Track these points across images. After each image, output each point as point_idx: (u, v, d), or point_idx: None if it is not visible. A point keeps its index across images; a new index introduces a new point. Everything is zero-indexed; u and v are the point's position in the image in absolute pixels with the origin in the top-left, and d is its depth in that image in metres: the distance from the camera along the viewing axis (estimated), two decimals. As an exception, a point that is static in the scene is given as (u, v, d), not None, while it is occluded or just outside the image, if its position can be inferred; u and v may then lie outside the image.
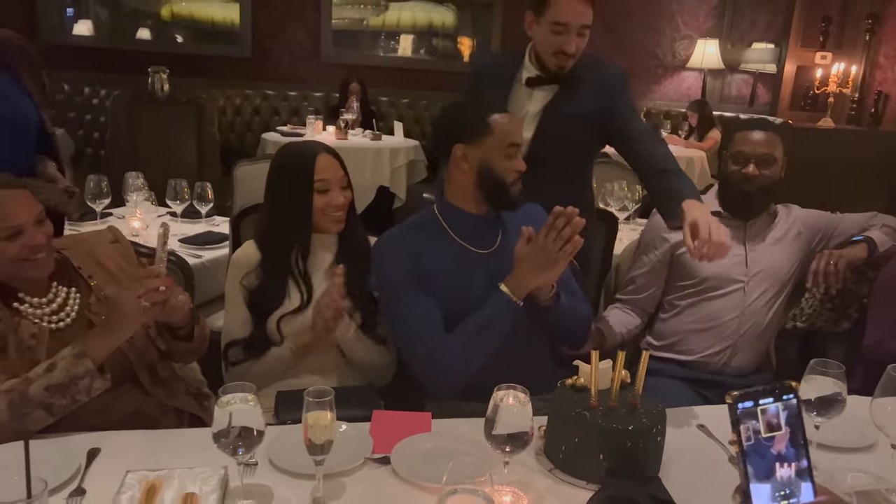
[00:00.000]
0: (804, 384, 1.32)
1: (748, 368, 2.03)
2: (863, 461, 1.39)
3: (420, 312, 1.66)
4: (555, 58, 2.00)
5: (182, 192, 2.90)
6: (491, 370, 1.66)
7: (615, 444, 1.25)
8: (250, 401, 1.12)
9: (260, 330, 1.77)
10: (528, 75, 2.11)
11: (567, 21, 1.93)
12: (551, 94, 2.09)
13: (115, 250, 1.60)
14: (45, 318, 1.43)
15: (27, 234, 1.38)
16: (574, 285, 1.80)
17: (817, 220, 2.09)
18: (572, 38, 1.96)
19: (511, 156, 1.66)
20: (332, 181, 1.75)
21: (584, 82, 2.06)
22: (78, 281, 1.51)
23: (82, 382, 1.29)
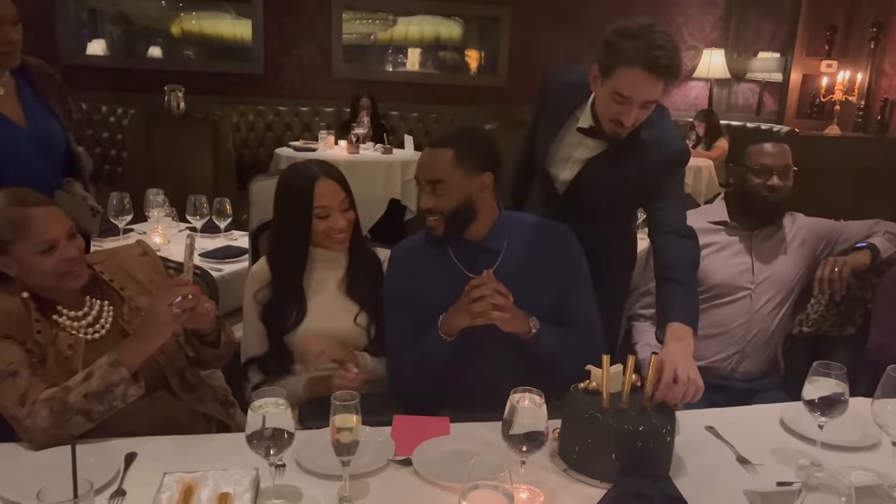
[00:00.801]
0: (808, 386, 1.38)
1: (756, 373, 2.09)
2: (867, 460, 1.44)
3: (394, 321, 1.80)
4: (611, 124, 1.76)
5: (202, 207, 2.99)
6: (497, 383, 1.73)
7: (627, 445, 1.31)
8: (281, 405, 1.19)
9: (275, 346, 1.84)
10: (582, 123, 1.88)
11: (631, 95, 1.66)
12: (601, 148, 1.88)
13: (145, 263, 1.69)
14: (82, 329, 1.51)
15: (61, 248, 1.46)
16: (588, 320, 1.78)
17: (822, 227, 2.15)
18: (633, 110, 1.69)
19: (420, 192, 1.73)
20: (331, 206, 1.79)
21: (640, 150, 1.83)
22: (110, 294, 1.59)
23: (118, 389, 1.36)
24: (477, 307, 1.58)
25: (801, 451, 1.48)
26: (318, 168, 1.83)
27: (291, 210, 1.83)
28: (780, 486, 1.32)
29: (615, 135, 1.79)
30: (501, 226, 1.77)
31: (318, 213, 1.79)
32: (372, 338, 1.86)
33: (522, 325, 1.65)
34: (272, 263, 1.89)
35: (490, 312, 1.58)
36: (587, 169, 1.91)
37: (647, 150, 1.83)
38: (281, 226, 1.89)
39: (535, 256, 1.77)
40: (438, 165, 1.67)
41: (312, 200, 1.78)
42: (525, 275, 1.71)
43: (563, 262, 1.79)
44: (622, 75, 1.65)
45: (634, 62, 1.62)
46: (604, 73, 1.70)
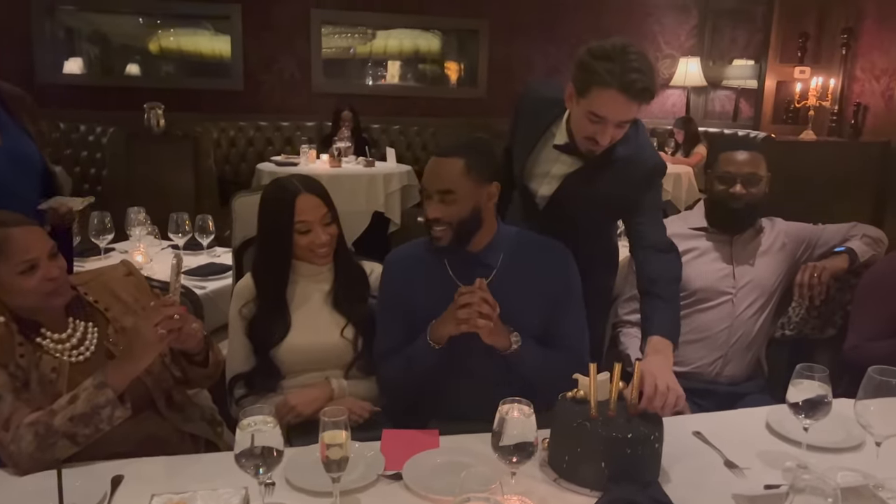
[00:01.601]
0: (792, 388, 1.40)
1: (740, 377, 2.11)
2: (852, 460, 1.46)
3: (385, 328, 1.80)
4: (586, 142, 1.77)
5: (184, 224, 2.97)
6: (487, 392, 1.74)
7: (616, 452, 1.32)
8: (269, 422, 1.18)
9: (262, 363, 1.83)
10: (558, 140, 1.89)
11: (606, 115, 1.66)
12: (577, 164, 1.89)
13: (130, 283, 1.68)
14: (66, 352, 1.50)
15: (42, 268, 1.45)
16: (575, 341, 1.78)
17: (801, 231, 2.18)
18: (608, 130, 1.70)
19: (424, 199, 1.72)
20: (313, 221, 1.79)
21: (615, 166, 1.84)
22: (95, 315, 1.58)
23: (104, 412, 1.35)
24: (463, 314, 1.58)
25: (787, 453, 1.49)
26: (299, 183, 1.83)
27: (273, 225, 1.83)
28: (768, 490, 1.33)
29: (590, 152, 1.79)
30: (499, 240, 1.77)
31: (299, 228, 1.79)
32: (359, 351, 1.86)
33: (503, 340, 1.65)
34: (256, 278, 1.88)
35: (475, 320, 1.58)
36: (565, 185, 1.91)
37: (623, 166, 1.83)
38: (264, 241, 1.89)
39: (530, 274, 1.75)
40: (448, 175, 1.66)
41: (294, 215, 1.78)
42: (518, 291, 1.71)
43: (558, 283, 1.78)
44: (597, 97, 1.65)
45: (609, 84, 1.61)
46: (579, 93, 1.70)
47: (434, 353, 1.68)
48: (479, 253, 1.76)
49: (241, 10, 6.27)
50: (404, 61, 6.89)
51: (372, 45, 6.78)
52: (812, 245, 2.16)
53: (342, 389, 1.81)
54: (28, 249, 1.44)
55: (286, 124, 6.39)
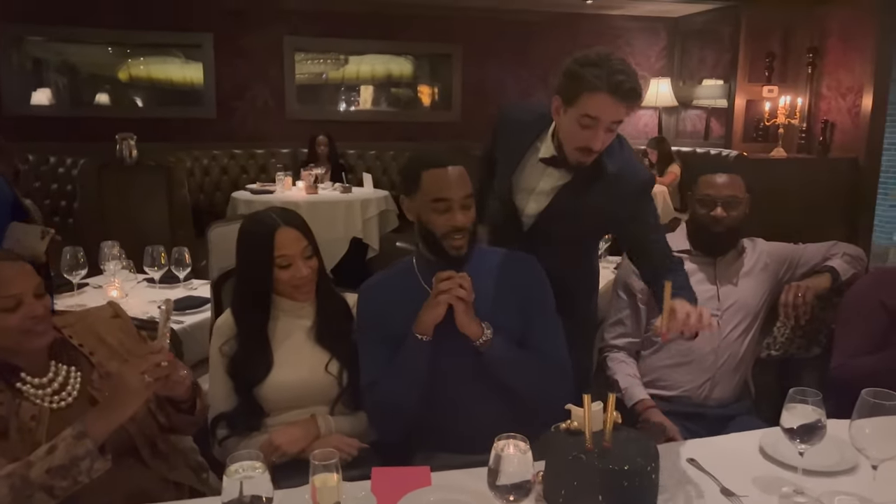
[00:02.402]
0: (785, 413, 1.38)
1: (729, 399, 2.10)
2: (848, 484, 1.45)
3: (368, 355, 1.77)
4: (577, 152, 1.80)
5: (159, 258, 2.91)
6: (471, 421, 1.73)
7: (613, 485, 1.29)
8: (258, 467, 1.14)
9: (244, 401, 1.78)
10: (544, 154, 1.91)
11: (598, 115, 1.70)
12: (566, 178, 1.90)
13: (116, 325, 1.62)
14: (47, 398, 1.44)
15: (26, 305, 1.40)
16: (551, 348, 1.79)
17: (782, 251, 2.19)
18: (600, 133, 1.73)
19: (439, 211, 1.67)
20: (293, 255, 1.75)
21: (605, 180, 1.87)
22: (78, 359, 1.52)
23: (83, 464, 1.29)
24: (444, 285, 1.62)
25: (782, 478, 1.48)
26: (277, 216, 1.79)
27: (252, 260, 1.79)
28: (767, 518, 1.32)
29: (580, 163, 1.82)
30: (470, 252, 1.77)
31: (279, 263, 1.75)
32: (344, 386, 1.82)
33: (475, 326, 1.68)
34: (236, 314, 1.84)
35: (456, 290, 1.62)
36: (556, 200, 1.92)
37: (614, 179, 1.87)
38: (243, 277, 1.85)
39: (501, 283, 1.78)
40: (465, 180, 1.70)
41: (273, 250, 1.75)
42: (491, 300, 1.73)
43: (528, 290, 1.81)
44: (587, 100, 1.70)
45: (598, 88, 1.68)
46: (567, 102, 1.75)
47: (423, 348, 1.67)
48: (450, 266, 1.74)
49: (213, 39, 6.25)
50: (378, 86, 6.90)
51: (345, 70, 6.78)
52: (794, 265, 2.17)
53: (328, 427, 1.77)
54: (11, 284, 1.39)
55: (260, 152, 6.35)
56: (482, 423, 1.75)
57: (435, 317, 1.66)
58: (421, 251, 1.80)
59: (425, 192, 1.69)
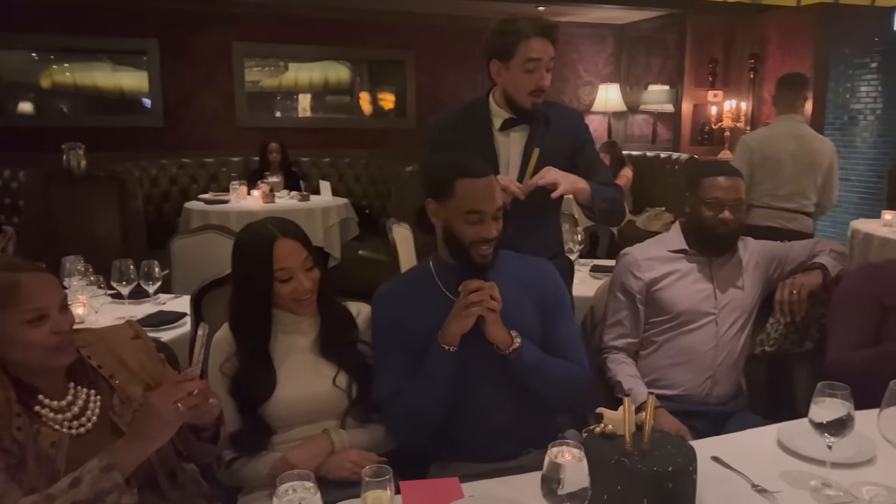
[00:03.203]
0: (814, 407, 1.40)
1: (728, 396, 2.13)
2: (870, 474, 1.48)
3: (388, 364, 1.73)
4: (531, 96, 2.12)
5: (128, 272, 2.77)
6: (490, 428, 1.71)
7: (659, 487, 1.28)
8: (309, 487, 1.08)
9: (249, 421, 1.70)
10: (500, 121, 2.20)
11: (539, 56, 2.06)
12: (526, 133, 2.20)
13: (137, 347, 1.52)
14: (66, 423, 1.34)
15: (52, 320, 1.30)
16: (574, 351, 1.80)
17: (771, 249, 2.24)
18: (543, 72, 2.09)
19: (471, 222, 1.65)
20: (294, 268, 1.68)
21: (552, 120, 2.21)
22: (97, 382, 1.42)
23: (110, 498, 1.20)
24: (475, 297, 1.60)
25: (807, 472, 1.50)
26: (275, 227, 1.71)
27: (251, 275, 1.71)
28: (804, 512, 1.33)
29: (535, 105, 2.14)
30: (496, 260, 1.75)
31: (279, 277, 1.67)
32: (353, 399, 1.76)
33: (505, 335, 1.66)
34: (236, 331, 1.75)
35: (488, 301, 1.61)
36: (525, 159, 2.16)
37: (555, 117, 2.22)
38: (242, 292, 1.76)
39: (521, 287, 1.77)
40: (498, 191, 1.72)
41: (272, 263, 1.67)
42: (512, 304, 1.70)
43: (547, 293, 1.81)
44: (525, 47, 2.07)
45: (530, 33, 2.06)
46: (506, 58, 2.11)
47: (449, 359, 1.64)
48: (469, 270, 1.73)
49: (159, 45, 6.05)
50: (330, 93, 6.80)
51: (297, 77, 6.66)
52: (782, 262, 2.22)
53: (342, 441, 1.70)
54: (39, 297, 1.30)
55: (210, 160, 6.17)
56: (501, 430, 1.74)
57: (463, 328, 1.63)
58: (441, 256, 1.76)
59: (459, 202, 1.65)
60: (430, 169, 1.78)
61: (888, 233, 4.00)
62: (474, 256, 1.67)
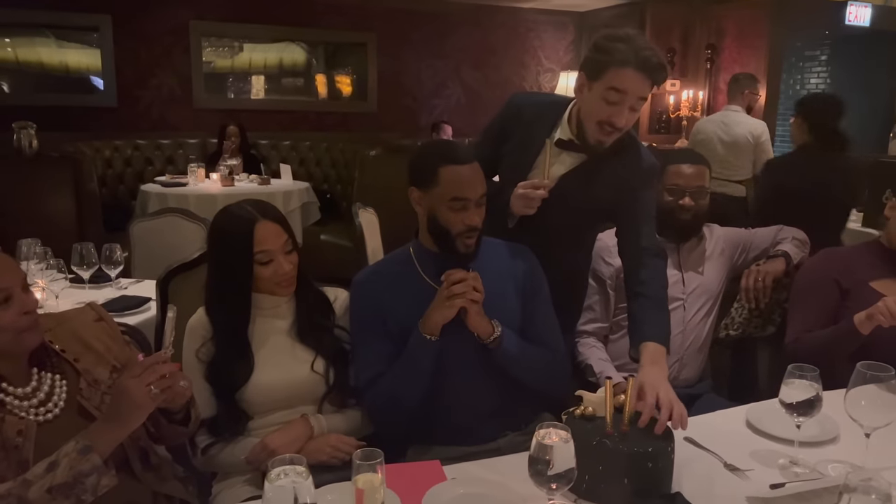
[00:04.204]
0: (784, 388, 1.45)
1: (694, 379, 2.19)
2: (834, 452, 1.55)
3: (368, 350, 1.73)
4: (599, 128, 1.79)
5: (90, 256, 2.70)
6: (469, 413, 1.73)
7: (639, 467, 1.32)
8: (301, 472, 1.08)
9: (225, 406, 1.68)
10: (560, 136, 1.91)
11: (626, 89, 1.71)
12: (578, 161, 1.91)
13: (101, 329, 1.48)
14: (32, 410, 1.30)
15: (17, 300, 1.27)
16: (551, 337, 1.83)
17: (735, 236, 2.30)
18: (625, 110, 1.75)
19: (456, 209, 1.65)
20: (274, 251, 1.66)
21: (615, 163, 1.88)
22: (62, 366, 1.38)
23: (89, 480, 1.18)
24: (458, 288, 1.59)
25: (775, 450, 1.56)
26: (254, 209, 1.69)
27: (230, 258, 1.68)
28: (775, 489, 1.38)
29: (599, 143, 1.82)
30: (479, 248, 1.76)
31: (259, 259, 1.65)
32: (331, 384, 1.75)
33: (486, 325, 1.67)
34: (212, 316, 1.72)
35: (471, 292, 1.60)
36: (562, 184, 1.90)
37: (623, 161, 1.89)
38: (219, 275, 1.73)
39: (501, 274, 1.78)
40: (482, 178, 1.68)
41: (253, 246, 1.65)
42: (494, 292, 1.70)
43: (527, 281, 1.81)
44: (614, 74, 1.71)
45: (628, 63, 1.70)
46: (593, 77, 1.75)
47: (431, 348, 1.65)
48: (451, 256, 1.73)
49: (112, 22, 5.85)
50: (291, 74, 6.69)
51: (257, 57, 6.53)
52: (747, 248, 2.29)
53: (321, 426, 1.70)
54: (2, 278, 1.26)
55: (167, 142, 6.01)
56: (479, 415, 1.75)
57: (445, 318, 1.63)
58: (422, 242, 1.76)
59: (443, 189, 1.64)
60: (413, 157, 1.76)
61: (840, 221, 4.13)
62: (459, 246, 1.67)
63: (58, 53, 5.89)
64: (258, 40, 6.45)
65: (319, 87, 6.78)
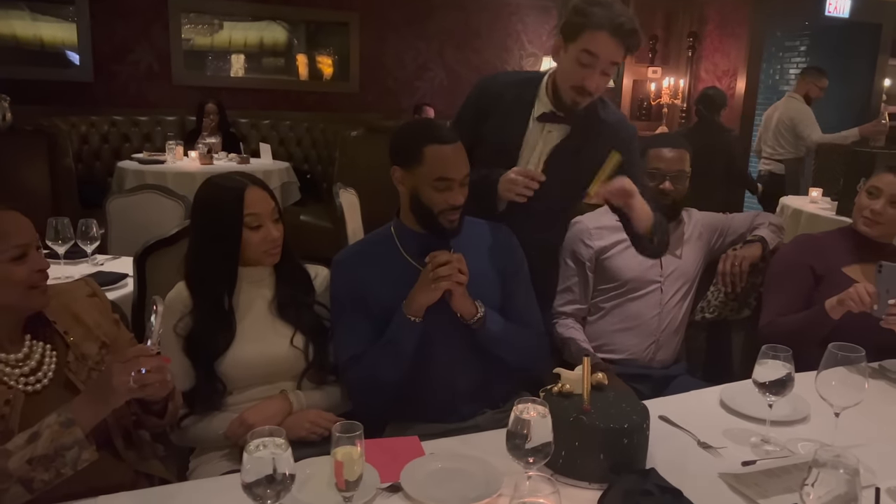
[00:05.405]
0: (758, 368, 1.48)
1: (670, 360, 2.23)
2: (804, 431, 1.59)
3: (348, 330, 1.73)
4: (572, 91, 1.84)
5: (66, 231, 2.66)
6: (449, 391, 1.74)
7: (615, 443, 1.34)
8: (281, 444, 1.08)
9: (204, 380, 1.67)
10: (542, 110, 1.95)
11: (598, 52, 1.76)
12: (563, 133, 1.95)
13: (93, 305, 1.48)
14: (21, 379, 1.29)
15: (32, 257, 1.29)
16: (534, 321, 1.85)
17: (713, 220, 2.33)
18: (597, 74, 1.80)
19: (440, 189, 1.66)
20: (263, 215, 1.67)
21: (598, 129, 1.95)
22: (53, 337, 1.37)
23: (69, 454, 1.17)
24: (444, 270, 1.59)
25: (748, 429, 1.59)
26: (242, 178, 1.71)
27: (219, 223, 1.67)
28: (747, 465, 1.41)
29: (575, 104, 1.86)
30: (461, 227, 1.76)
31: (249, 223, 1.65)
32: (311, 360, 1.75)
33: (470, 306, 1.68)
34: (195, 287, 1.71)
35: (456, 275, 1.60)
36: (554, 156, 1.94)
37: (606, 129, 1.95)
38: (205, 243, 1.71)
39: (482, 253, 1.79)
40: (465, 158, 1.69)
41: (243, 209, 1.65)
42: (476, 273, 1.71)
43: (507, 260, 1.83)
44: (589, 37, 1.76)
45: (602, 26, 1.75)
46: (568, 39, 1.81)
47: (414, 329, 1.65)
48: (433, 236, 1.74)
49: (89, -6, 5.73)
50: (271, 54, 6.61)
51: (238, 35, 6.43)
52: (724, 233, 2.32)
53: (300, 402, 1.70)
54: (20, 234, 1.29)
55: (144, 119, 5.92)
56: (459, 393, 1.77)
57: (430, 300, 1.64)
58: (403, 222, 1.76)
59: (427, 168, 1.65)
60: (396, 136, 1.75)
61: (815, 209, 4.20)
62: (442, 223, 1.68)
63: (32, 27, 5.76)
64: (238, 17, 6.35)
65: (300, 68, 6.70)
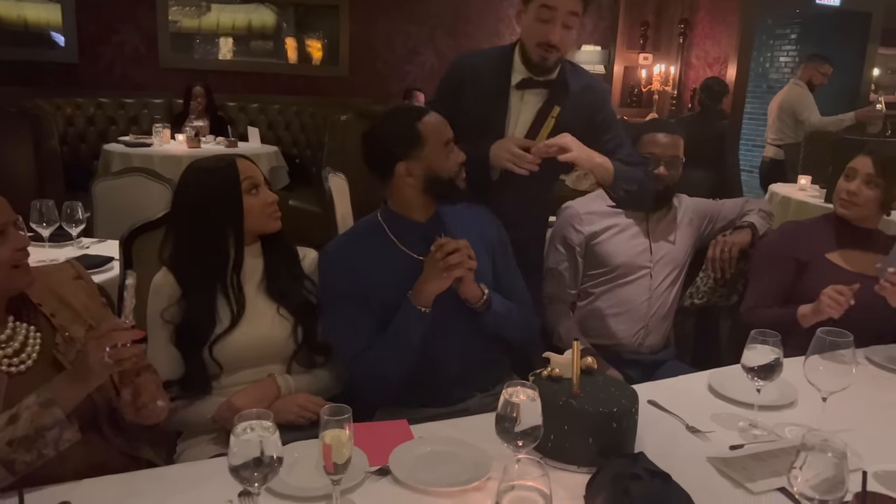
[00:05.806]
0: (747, 352, 1.48)
1: (659, 345, 2.23)
2: (791, 416, 1.59)
3: (350, 323, 1.71)
4: (539, 49, 1.90)
5: (50, 213, 2.62)
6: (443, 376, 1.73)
7: (604, 427, 1.34)
8: (268, 427, 1.07)
9: (194, 364, 1.65)
10: (519, 77, 2.00)
11: (555, 5, 1.84)
12: (542, 98, 2.01)
13: (79, 287, 1.46)
14: (5, 360, 1.27)
15: (12, 236, 1.27)
16: (523, 296, 1.87)
17: (703, 207, 2.33)
18: (558, 26, 1.86)
19: (448, 151, 1.71)
20: (257, 178, 1.69)
21: (576, 93, 2.01)
22: (37, 319, 1.35)
23: (50, 434, 1.16)
24: (455, 258, 1.59)
25: (736, 414, 1.59)
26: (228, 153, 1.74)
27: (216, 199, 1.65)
28: (734, 450, 1.42)
29: (543, 60, 1.92)
30: (439, 210, 1.79)
31: (247, 187, 1.65)
32: (300, 343, 1.74)
33: (477, 290, 1.70)
34: (186, 272, 1.68)
35: (467, 261, 1.61)
36: (535, 126, 1.98)
37: (581, 92, 2.02)
38: (201, 222, 1.67)
39: (472, 234, 1.77)
40: None
41: (239, 174, 1.65)
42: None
43: (495, 239, 1.85)
44: None
45: None
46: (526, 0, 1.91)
47: (423, 320, 1.65)
48: (425, 224, 1.76)
49: (73, -27, 5.65)
50: (260, 37, 6.54)
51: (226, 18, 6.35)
52: (714, 219, 2.32)
53: (288, 386, 1.69)
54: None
55: (131, 101, 5.85)
56: (452, 378, 1.76)
57: (440, 289, 1.64)
58: (391, 208, 1.76)
59: (434, 138, 1.69)
60: (384, 137, 1.73)
61: (804, 196, 4.22)
62: (459, 184, 1.73)
63: (16, 7, 5.67)
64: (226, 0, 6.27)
65: (289, 51, 6.63)
